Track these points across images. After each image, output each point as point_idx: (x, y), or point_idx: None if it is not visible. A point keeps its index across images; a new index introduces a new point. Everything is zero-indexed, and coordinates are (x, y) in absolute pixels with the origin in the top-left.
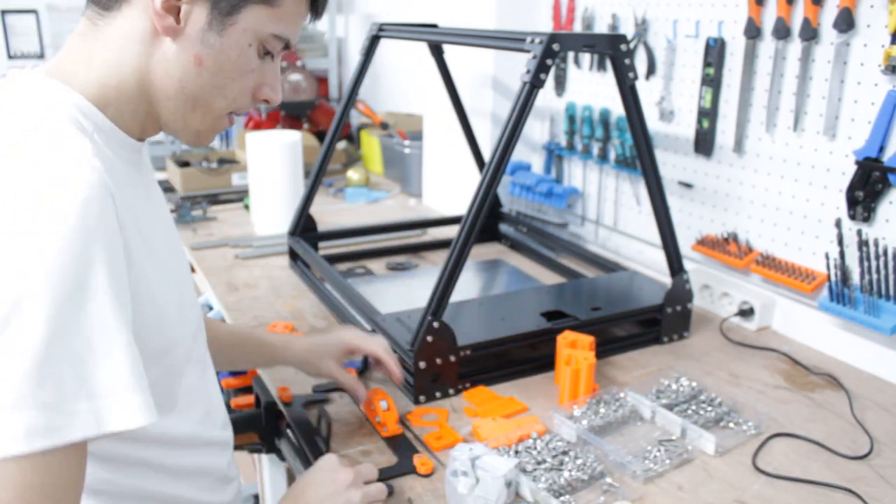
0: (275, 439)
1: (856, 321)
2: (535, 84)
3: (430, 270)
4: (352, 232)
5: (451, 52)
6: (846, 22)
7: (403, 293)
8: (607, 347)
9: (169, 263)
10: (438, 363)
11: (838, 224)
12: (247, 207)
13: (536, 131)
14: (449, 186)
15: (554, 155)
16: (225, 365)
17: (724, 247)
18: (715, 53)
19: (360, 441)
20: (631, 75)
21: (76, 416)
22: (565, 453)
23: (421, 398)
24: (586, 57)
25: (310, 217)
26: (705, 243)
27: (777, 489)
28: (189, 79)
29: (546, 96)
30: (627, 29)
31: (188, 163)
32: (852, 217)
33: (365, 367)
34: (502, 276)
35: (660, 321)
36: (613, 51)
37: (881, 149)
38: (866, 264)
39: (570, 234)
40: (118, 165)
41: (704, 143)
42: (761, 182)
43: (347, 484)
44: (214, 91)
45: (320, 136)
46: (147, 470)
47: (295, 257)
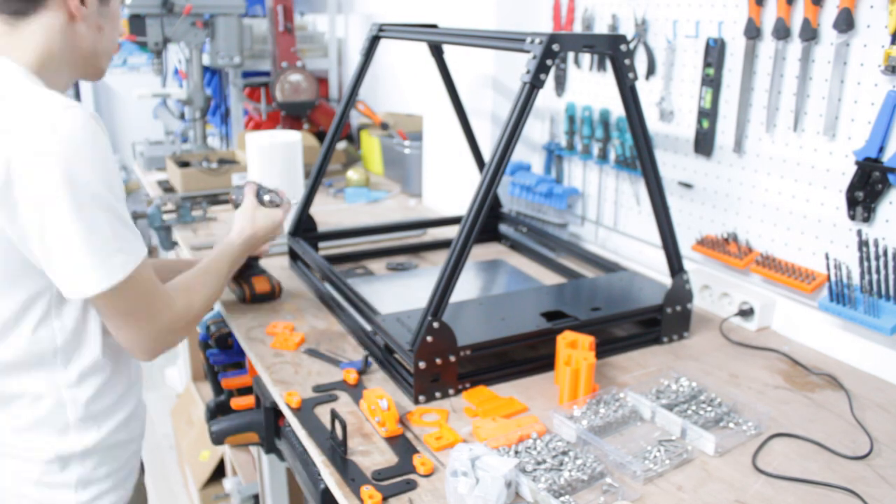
0: (275, 439)
1: (856, 321)
2: (535, 84)
3: (430, 270)
4: (352, 232)
5: (451, 53)
6: (846, 22)
7: (403, 293)
8: (607, 347)
9: None
10: (438, 363)
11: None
12: None
13: (536, 131)
14: (449, 187)
15: (554, 155)
16: None
17: (724, 247)
18: (715, 54)
19: (361, 441)
20: (631, 75)
21: (130, 252)
22: (565, 453)
23: (421, 398)
24: (586, 57)
25: (310, 217)
26: (705, 243)
27: (777, 489)
28: (97, 42)
29: (546, 96)
30: (627, 29)
31: (188, 163)
32: (852, 217)
33: (365, 367)
34: (502, 277)
35: (660, 321)
36: (613, 51)
37: (881, 149)
38: (866, 264)
39: (570, 235)
40: None
41: (704, 144)
42: (761, 182)
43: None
44: (111, 43)
45: (320, 137)
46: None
47: (295, 257)
